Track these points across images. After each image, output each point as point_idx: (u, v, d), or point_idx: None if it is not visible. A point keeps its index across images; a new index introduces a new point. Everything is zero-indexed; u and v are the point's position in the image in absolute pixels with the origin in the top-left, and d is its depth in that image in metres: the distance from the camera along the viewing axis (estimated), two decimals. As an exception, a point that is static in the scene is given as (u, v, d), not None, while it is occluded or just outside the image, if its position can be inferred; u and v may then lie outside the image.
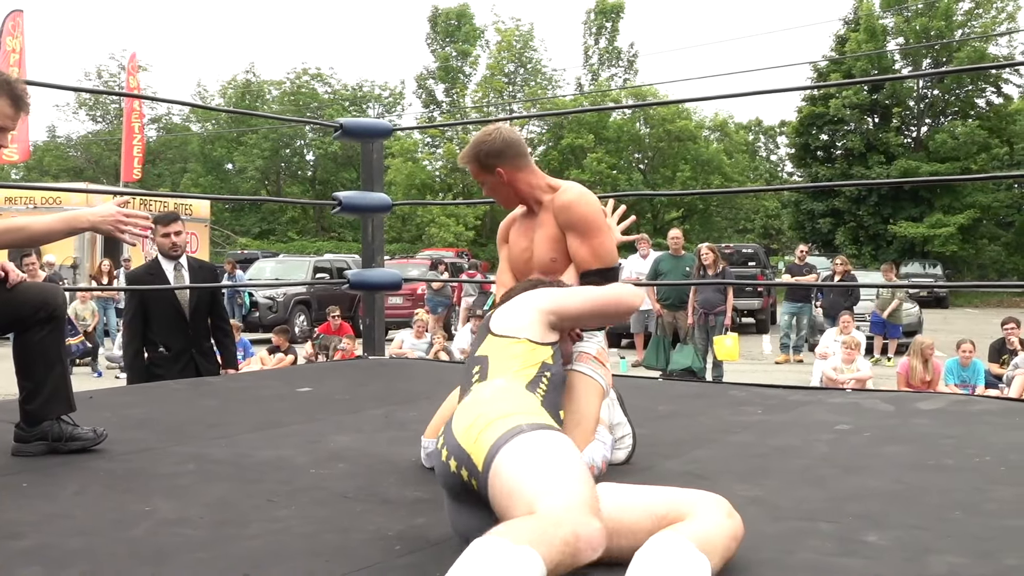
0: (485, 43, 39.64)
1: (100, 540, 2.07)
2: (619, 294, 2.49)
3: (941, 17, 30.29)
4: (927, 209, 30.03)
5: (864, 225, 30.76)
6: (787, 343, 13.67)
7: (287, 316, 15.95)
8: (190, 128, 42.92)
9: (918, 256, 28.93)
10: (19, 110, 2.67)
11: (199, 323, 4.98)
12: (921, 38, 30.45)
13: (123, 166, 22.68)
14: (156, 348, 4.87)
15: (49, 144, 41.96)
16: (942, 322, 17.96)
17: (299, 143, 41.47)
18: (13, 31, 19.20)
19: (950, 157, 29.94)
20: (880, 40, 31.18)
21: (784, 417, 3.63)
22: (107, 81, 39.18)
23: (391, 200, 5.79)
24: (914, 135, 32.60)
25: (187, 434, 3.30)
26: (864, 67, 30.48)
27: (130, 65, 23.57)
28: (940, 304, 24.13)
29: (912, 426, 3.45)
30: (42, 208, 18.13)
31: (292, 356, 10.65)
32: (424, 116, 40.13)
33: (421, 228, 35.03)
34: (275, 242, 35.94)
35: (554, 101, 37.04)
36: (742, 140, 41.23)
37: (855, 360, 9.32)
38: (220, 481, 2.60)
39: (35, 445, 2.88)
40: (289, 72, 42.43)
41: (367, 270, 5.66)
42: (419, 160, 37.08)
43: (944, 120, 32.54)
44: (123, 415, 3.57)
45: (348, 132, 5.57)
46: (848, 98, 30.58)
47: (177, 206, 19.79)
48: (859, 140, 31.24)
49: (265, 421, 3.61)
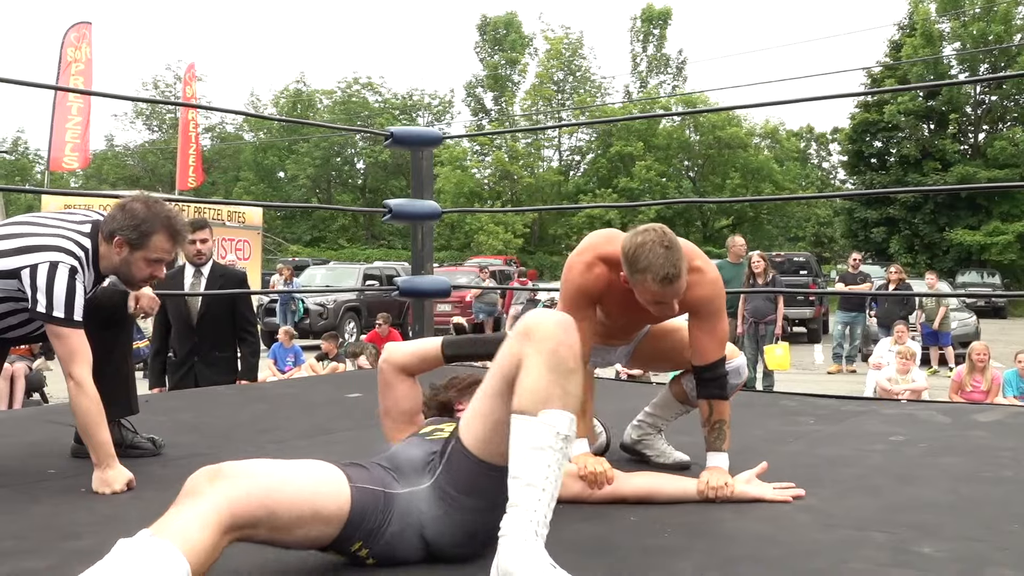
0: (534, 51, 39.76)
1: (155, 541, 2.11)
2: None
3: (1000, 21, 29.73)
4: (985, 217, 29.47)
5: (919, 233, 30.24)
6: (840, 353, 13.47)
7: (337, 322, 16.09)
8: (243, 137, 43.56)
9: (975, 265, 28.37)
10: (176, 245, 2.78)
11: (206, 332, 4.87)
12: (979, 43, 29.89)
13: (178, 174, 23.02)
14: (167, 353, 4.98)
15: (107, 153, 42.82)
16: (1000, 332, 17.56)
17: (349, 152, 41.88)
18: (77, 43, 19.51)
19: (1009, 164, 29.35)
20: (936, 45, 30.67)
21: (836, 428, 3.58)
22: (163, 91, 39.90)
23: (440, 208, 5.81)
24: (971, 142, 32.01)
25: (237, 439, 3.35)
26: (920, 73, 29.96)
27: (187, 75, 23.94)
28: (998, 314, 23.64)
29: (969, 438, 3.39)
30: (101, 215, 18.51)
31: (344, 364, 10.71)
32: (473, 124, 40.30)
33: (470, 236, 35.16)
34: (326, 249, 36.28)
35: (603, 109, 36.98)
36: (793, 147, 40.80)
37: (910, 371, 9.14)
38: (271, 484, 2.63)
39: (94, 448, 2.93)
40: (340, 81, 43.04)
41: (416, 277, 5.68)
42: (468, 168, 37.25)
43: (1003, 127, 31.92)
44: (176, 419, 3.64)
45: (398, 140, 5.60)
46: (903, 104, 30.10)
47: (231, 214, 20.08)
48: (914, 147, 30.74)
49: (315, 427, 3.64)
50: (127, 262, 2.72)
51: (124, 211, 2.73)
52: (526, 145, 37.58)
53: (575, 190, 36.90)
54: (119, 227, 2.70)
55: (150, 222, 2.69)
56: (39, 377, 8.75)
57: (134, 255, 2.70)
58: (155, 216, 2.70)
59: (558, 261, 35.38)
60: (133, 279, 2.77)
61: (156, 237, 2.70)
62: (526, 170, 37.38)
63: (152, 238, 2.69)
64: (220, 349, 4.95)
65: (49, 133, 18.96)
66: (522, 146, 37.36)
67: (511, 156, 37.10)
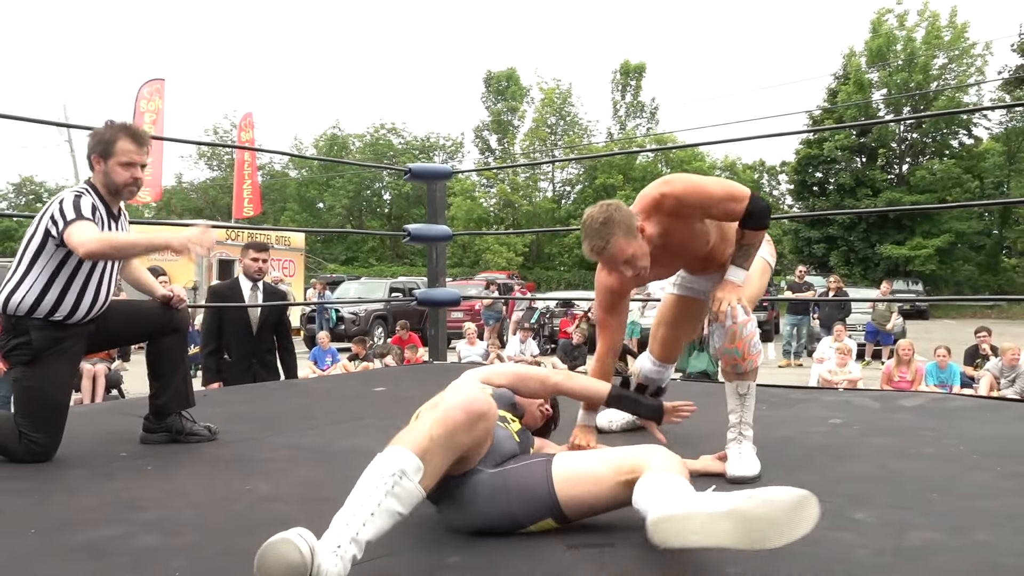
0: (531, 100, 39.77)
1: (208, 513, 2.10)
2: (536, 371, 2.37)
3: (919, 71, 29.75)
4: (909, 234, 29.46)
5: (855, 248, 30.21)
6: (789, 350, 13.44)
7: (368, 328, 16.06)
8: (288, 174, 43.61)
9: (902, 275, 28.33)
10: (141, 145, 2.73)
11: (264, 338, 4.90)
12: (902, 89, 29.93)
13: (234, 206, 23.09)
14: (222, 354, 4.87)
15: (176, 188, 42.89)
16: (923, 331, 17.48)
17: (377, 185, 41.91)
18: (149, 96, 19.59)
19: (928, 190, 29.36)
20: (867, 91, 30.71)
21: (785, 413, 3.55)
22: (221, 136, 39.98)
23: (451, 231, 5.81)
24: (897, 172, 31.97)
25: (281, 426, 3.33)
26: (853, 114, 30.00)
27: (242, 122, 23.99)
28: (921, 316, 23.55)
29: (896, 420, 3.36)
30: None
31: (372, 363, 10.67)
32: (481, 161, 40.33)
33: (478, 254, 35.16)
34: (358, 267, 36.29)
35: (589, 147, 37.00)
36: (749, 178, 40.73)
37: (847, 364, 9.12)
38: (308, 466, 2.62)
39: (160, 436, 2.93)
40: (369, 127, 43.10)
41: (432, 289, 5.68)
42: (476, 198, 37.27)
43: (923, 159, 31.91)
44: (230, 410, 3.62)
45: (416, 175, 5.61)
46: (840, 141, 30.14)
47: (278, 238, 20.10)
48: (849, 177, 30.74)
49: (347, 415, 3.63)
50: (106, 174, 2.70)
51: (92, 135, 2.74)
52: (525, 178, 37.63)
53: (566, 215, 36.89)
54: (91, 149, 2.72)
55: (111, 132, 2.69)
56: (117, 376, 8.74)
57: (108, 164, 2.68)
58: (114, 127, 2.70)
59: (552, 275, 35.36)
60: (118, 187, 2.72)
61: (119, 143, 2.68)
62: (525, 199, 37.43)
63: (116, 144, 2.68)
64: (271, 353, 4.98)
65: (126, 172, 19.02)
66: (521, 179, 37.42)
67: (512, 188, 37.13)
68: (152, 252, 2.70)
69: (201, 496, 2.26)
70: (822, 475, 2.42)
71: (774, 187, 44.98)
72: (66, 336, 2.68)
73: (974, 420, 3.34)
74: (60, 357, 2.67)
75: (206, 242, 2.59)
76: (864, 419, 3.37)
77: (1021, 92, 26.96)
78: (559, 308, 16.26)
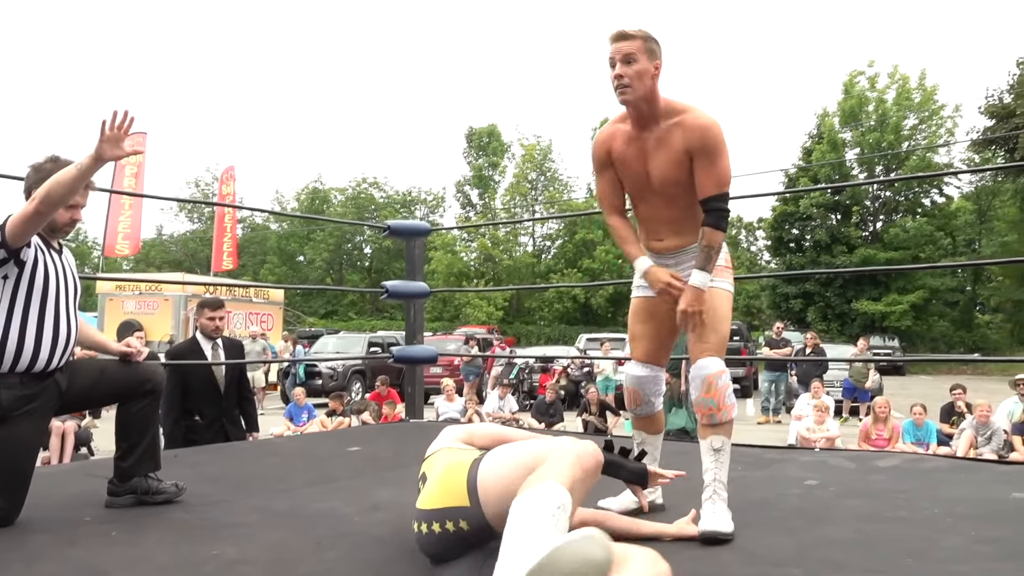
0: (511, 156, 40.30)
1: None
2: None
3: (891, 132, 30.51)
4: (884, 290, 29.86)
5: (831, 304, 30.53)
6: (767, 406, 13.44)
7: (346, 384, 15.92)
8: (269, 227, 43.66)
9: (878, 331, 28.62)
10: (86, 188, 2.68)
11: (230, 395, 4.80)
12: (874, 149, 30.63)
13: (214, 259, 23.01)
14: (191, 416, 4.67)
15: (155, 241, 42.76)
16: (900, 387, 17.61)
17: (358, 238, 42.04)
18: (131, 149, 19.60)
19: (902, 247, 29.88)
20: (840, 151, 31.39)
21: (760, 473, 3.54)
22: (203, 189, 40.07)
23: (430, 288, 5.81)
24: (871, 229, 32.54)
25: (252, 488, 3.27)
26: (827, 173, 30.63)
27: (224, 176, 24.02)
28: (898, 372, 23.74)
29: (871, 482, 3.36)
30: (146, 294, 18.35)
31: (348, 419, 10.56)
32: (462, 216, 40.60)
33: (459, 308, 35.18)
34: (337, 321, 36.13)
35: (569, 203, 37.39)
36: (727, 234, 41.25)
37: (825, 421, 9.14)
38: (278, 529, 2.57)
39: (125, 498, 2.86)
40: (351, 180, 43.41)
41: (409, 346, 5.66)
42: (457, 252, 37.43)
43: (896, 217, 32.51)
44: (201, 471, 3.55)
45: (394, 232, 5.62)
46: (815, 199, 30.69)
47: (257, 291, 19.99)
48: (825, 234, 31.22)
49: (320, 476, 3.57)
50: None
51: (35, 169, 2.68)
52: (505, 233, 37.88)
53: (546, 270, 37.11)
54: (32, 183, 2.63)
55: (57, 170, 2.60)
56: (87, 434, 8.57)
57: None
58: (61, 167, 2.58)
59: (532, 330, 35.36)
60: (58, 226, 2.68)
61: None
62: (506, 254, 37.61)
63: None
64: (236, 409, 4.89)
65: (104, 224, 18.94)
66: (502, 234, 37.66)
67: (493, 242, 37.34)
68: (87, 175, 2.50)
69: (167, 561, 2.21)
70: (797, 538, 2.41)
71: (752, 243, 45.67)
72: (35, 394, 2.62)
73: (948, 482, 3.34)
74: (28, 418, 2.61)
75: (120, 140, 2.47)
76: (840, 480, 3.37)
77: (989, 153, 27.69)
78: (538, 364, 16.23)
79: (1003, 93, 26.03)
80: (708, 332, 2.54)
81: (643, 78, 2.42)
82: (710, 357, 2.53)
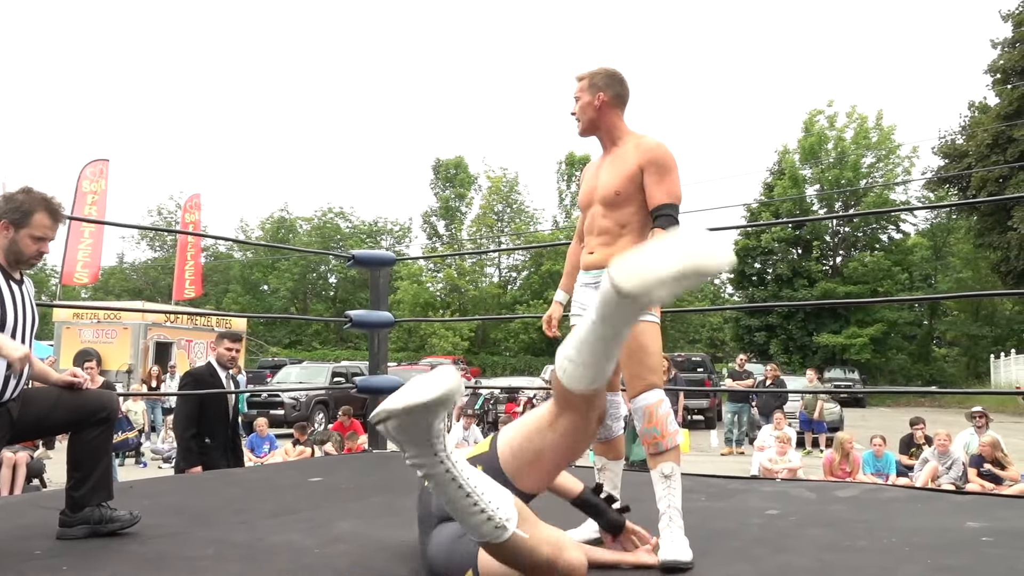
0: (478, 187, 40.48)
1: (126, 616, 1.99)
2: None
3: (850, 168, 31.24)
4: (844, 324, 30.36)
5: (793, 337, 30.96)
6: (731, 437, 13.52)
7: (309, 414, 15.70)
8: (233, 255, 43.23)
9: (838, 363, 29.03)
10: (56, 221, 2.71)
11: (236, 424, 5.14)
12: (834, 185, 31.32)
13: (175, 287, 22.70)
14: (202, 438, 4.91)
15: (115, 269, 42.10)
16: (860, 419, 17.82)
17: (323, 268, 41.76)
18: (93, 177, 19.26)
19: (861, 281, 30.45)
20: (801, 186, 32.04)
21: (723, 504, 3.56)
22: (166, 217, 39.61)
23: (394, 318, 5.79)
24: (831, 263, 33.14)
25: (211, 520, 3.20)
26: (789, 208, 31.23)
27: (187, 204, 23.78)
28: (859, 404, 24.03)
29: (831, 511, 3.39)
30: (104, 323, 18.05)
31: (310, 448, 10.41)
32: (428, 246, 40.59)
33: (424, 338, 34.98)
34: (301, 351, 35.72)
35: (535, 235, 37.60)
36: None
37: (787, 452, 9.22)
38: (235, 562, 2.51)
39: (78, 529, 2.78)
40: (317, 210, 43.19)
41: (373, 377, 5.63)
42: (423, 282, 37.35)
43: (855, 251, 33.17)
44: (159, 502, 3.48)
45: (359, 262, 5.62)
46: (776, 233, 31.22)
47: (219, 322, 19.73)
48: (786, 267, 31.74)
49: (280, 508, 3.51)
50: (14, 241, 2.64)
51: (7, 198, 2.67)
52: (472, 264, 37.91)
53: (512, 301, 37.14)
54: (3, 212, 2.63)
55: (29, 203, 2.63)
56: (40, 465, 8.34)
57: (19, 234, 2.62)
58: (34, 198, 2.63)
59: (498, 360, 35.29)
60: (23, 256, 2.67)
61: (37, 215, 2.63)
62: (472, 284, 37.62)
63: (33, 216, 2.63)
64: (239, 436, 5.27)
65: (63, 252, 18.60)
66: (468, 265, 37.68)
67: (459, 273, 37.34)
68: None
69: (119, 596, 2.15)
70: (758, 567, 2.42)
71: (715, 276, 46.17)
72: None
73: (906, 512, 3.38)
74: (-23, 448, 2.55)
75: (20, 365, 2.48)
76: (800, 510, 3.40)
77: (943, 192, 28.45)
78: (503, 394, 16.18)
79: (955, 135, 26.77)
80: (642, 369, 2.57)
81: (585, 111, 2.70)
82: (646, 392, 2.57)
